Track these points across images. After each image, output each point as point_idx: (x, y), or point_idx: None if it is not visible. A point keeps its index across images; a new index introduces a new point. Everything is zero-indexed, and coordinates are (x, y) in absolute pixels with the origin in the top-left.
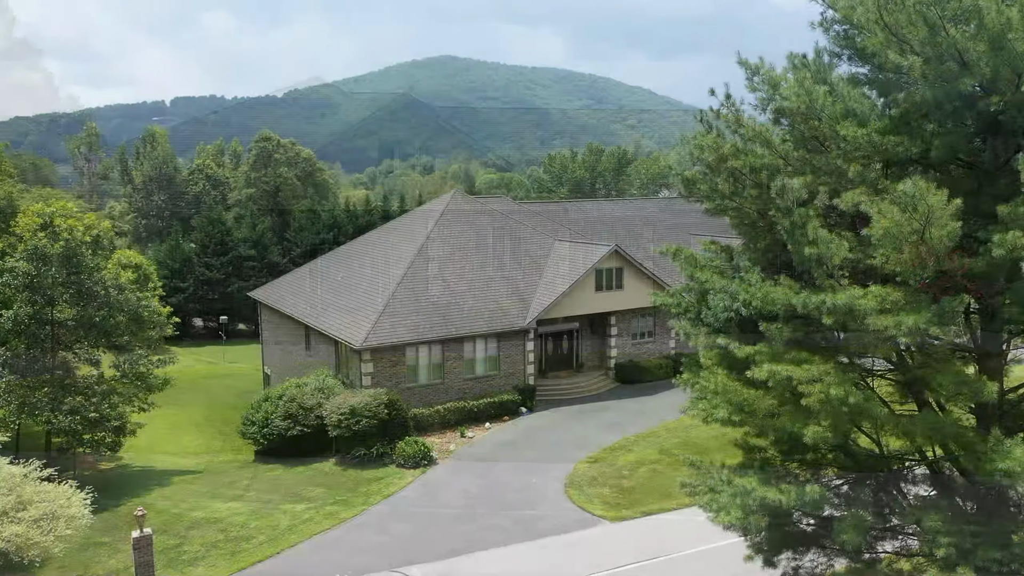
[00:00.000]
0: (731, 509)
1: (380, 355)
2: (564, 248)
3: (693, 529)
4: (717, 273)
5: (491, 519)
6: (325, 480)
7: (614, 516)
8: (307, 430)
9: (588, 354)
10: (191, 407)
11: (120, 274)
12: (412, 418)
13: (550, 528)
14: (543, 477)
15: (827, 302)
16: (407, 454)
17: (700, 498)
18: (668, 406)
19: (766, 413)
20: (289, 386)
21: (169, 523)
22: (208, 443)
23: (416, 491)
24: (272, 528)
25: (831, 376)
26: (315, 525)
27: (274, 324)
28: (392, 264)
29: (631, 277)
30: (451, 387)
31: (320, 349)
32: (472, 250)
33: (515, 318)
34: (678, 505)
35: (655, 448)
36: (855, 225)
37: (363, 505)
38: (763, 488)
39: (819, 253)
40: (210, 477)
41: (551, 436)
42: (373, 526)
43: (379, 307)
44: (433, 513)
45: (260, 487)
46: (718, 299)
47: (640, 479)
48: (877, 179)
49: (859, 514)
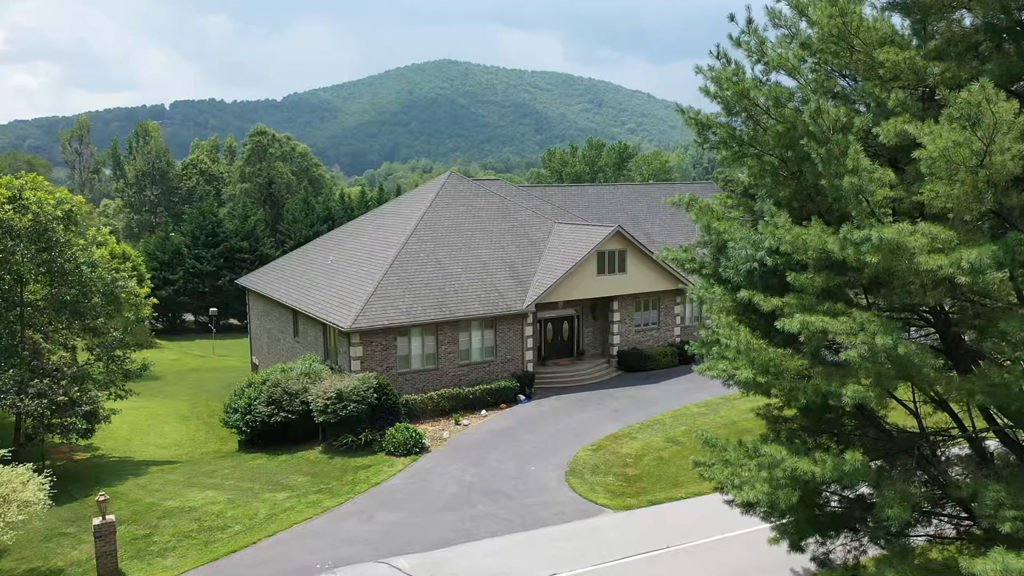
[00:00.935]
0: (756, 483)
1: (370, 338)
2: (565, 230)
3: (705, 518)
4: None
5: (486, 508)
6: (310, 468)
7: (618, 505)
8: (292, 417)
9: (589, 341)
10: (177, 399)
11: (94, 251)
12: (404, 404)
13: (550, 517)
14: (542, 465)
15: (872, 237)
16: (397, 441)
17: (719, 473)
18: (673, 394)
19: (796, 374)
20: (273, 371)
21: (140, 513)
22: (192, 434)
23: (406, 479)
24: (249, 518)
25: (875, 324)
26: (296, 514)
27: (262, 312)
28: (384, 246)
29: (634, 260)
30: (445, 373)
31: (309, 335)
32: (469, 232)
33: (513, 301)
34: (687, 494)
35: (661, 436)
36: (895, 163)
37: (349, 494)
38: (794, 458)
39: (860, 185)
40: (189, 467)
41: (551, 424)
42: (359, 515)
43: (370, 289)
44: (424, 502)
45: (240, 476)
46: (739, 248)
47: (646, 467)
48: (922, 110)
49: (904, 487)
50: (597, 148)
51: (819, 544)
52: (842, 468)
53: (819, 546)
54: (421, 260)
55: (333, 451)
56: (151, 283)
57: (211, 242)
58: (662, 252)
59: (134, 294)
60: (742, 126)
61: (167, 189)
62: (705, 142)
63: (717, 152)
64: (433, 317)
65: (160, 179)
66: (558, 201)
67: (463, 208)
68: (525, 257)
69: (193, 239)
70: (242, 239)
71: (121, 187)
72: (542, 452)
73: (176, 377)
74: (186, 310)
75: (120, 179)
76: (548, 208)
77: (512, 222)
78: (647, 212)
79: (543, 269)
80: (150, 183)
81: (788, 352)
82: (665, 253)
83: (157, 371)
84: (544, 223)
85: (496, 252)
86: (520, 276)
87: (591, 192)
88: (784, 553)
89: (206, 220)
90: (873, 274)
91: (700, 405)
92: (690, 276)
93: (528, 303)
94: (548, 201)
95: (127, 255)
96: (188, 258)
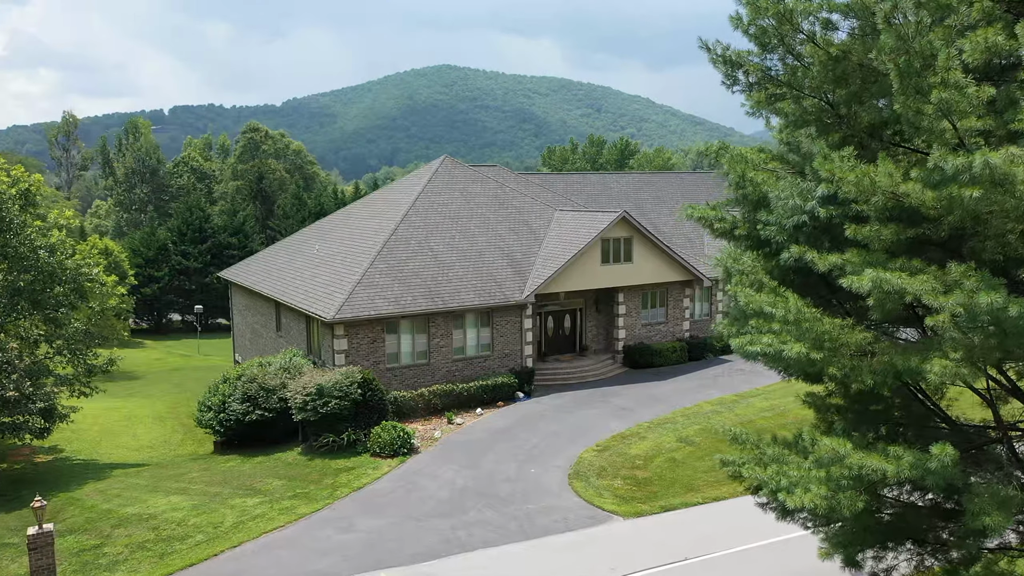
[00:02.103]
0: (810, 485)
1: (356, 330)
2: (567, 217)
3: (726, 526)
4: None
5: (480, 514)
6: (287, 471)
7: (628, 511)
8: (268, 415)
9: (593, 335)
10: (155, 399)
11: (54, 234)
12: (392, 401)
13: (552, 525)
14: (543, 467)
15: (975, 163)
16: (383, 441)
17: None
18: (684, 391)
19: (857, 350)
20: (250, 365)
21: (94, 521)
22: (168, 436)
23: (392, 483)
24: (214, 526)
25: (974, 280)
26: (266, 522)
27: (244, 306)
28: (373, 233)
29: (641, 249)
30: (438, 368)
31: (291, 329)
32: (464, 219)
33: (511, 292)
34: (704, 499)
35: (672, 435)
36: None
37: (328, 499)
38: (859, 453)
39: (949, 103)
40: (156, 470)
41: (552, 423)
42: (337, 523)
43: (356, 277)
44: (411, 507)
45: (209, 479)
46: (784, 200)
47: (657, 469)
48: (1011, 23)
49: (1001, 489)
50: (598, 145)
51: (877, 559)
52: (925, 465)
53: (878, 561)
54: (412, 247)
55: (313, 452)
56: (135, 280)
57: (198, 238)
58: (685, 210)
59: (100, 283)
60: (778, 64)
61: (157, 187)
62: (733, 84)
63: (747, 97)
64: (424, 308)
65: (150, 177)
66: (559, 189)
67: (458, 194)
68: (524, 245)
69: (180, 235)
70: (231, 235)
71: (111, 185)
72: (543, 453)
73: (157, 377)
74: (172, 309)
75: (109, 177)
76: (549, 196)
77: (510, 209)
78: (653, 202)
79: (543, 258)
80: (140, 181)
81: (847, 323)
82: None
83: (138, 370)
84: (544, 210)
85: (493, 240)
86: (519, 265)
87: (593, 180)
88: (820, 564)
89: (193, 215)
90: (957, 222)
91: (713, 403)
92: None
93: (527, 294)
94: (548, 189)
95: (109, 251)
96: (174, 255)
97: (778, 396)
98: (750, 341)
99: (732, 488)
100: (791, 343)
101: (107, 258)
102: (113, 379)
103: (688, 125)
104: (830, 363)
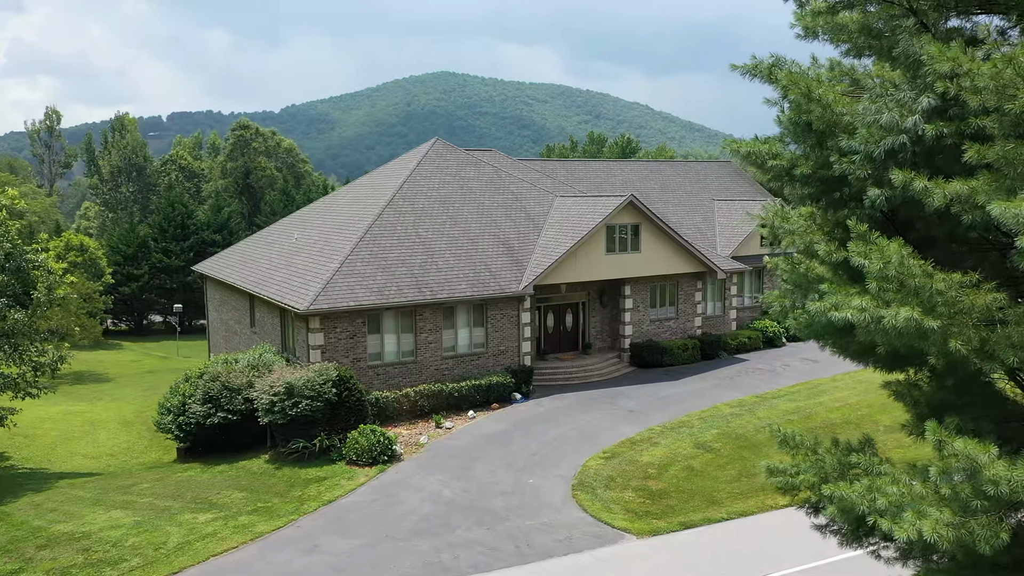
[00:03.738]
0: (927, 508)
1: (333, 323)
2: (568, 203)
3: (757, 547)
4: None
5: (470, 532)
6: (249, 481)
7: (642, 529)
8: (233, 417)
9: (597, 332)
10: (124, 403)
11: None
12: (373, 403)
13: (554, 545)
14: (543, 477)
15: None
16: (361, 447)
17: (833, 489)
18: (698, 393)
19: (983, 317)
20: (215, 362)
21: (19, 540)
22: (133, 442)
23: (369, 495)
24: (154, 547)
25: None
26: (216, 543)
27: (220, 302)
28: (356, 219)
29: (650, 237)
30: (425, 366)
31: (266, 324)
32: (456, 204)
33: (507, 282)
34: (729, 514)
35: (689, 441)
36: None
37: (293, 514)
38: (1001, 464)
39: None
40: (106, 480)
41: (553, 427)
42: (300, 543)
43: (335, 265)
44: (389, 525)
45: (161, 491)
46: (874, 116)
47: (673, 480)
48: None
49: None
50: (599, 143)
51: None
52: None
53: None
54: (398, 234)
55: (282, 460)
56: (111, 278)
57: (181, 235)
58: (727, 143)
59: (47, 270)
60: None
61: (144, 186)
62: None
63: (798, 10)
64: (411, 299)
65: (137, 176)
66: (559, 176)
67: (450, 178)
68: (522, 233)
69: (161, 231)
70: (215, 231)
71: (95, 184)
72: (543, 461)
73: (129, 379)
74: (153, 309)
75: (95, 175)
76: (549, 183)
77: (507, 195)
78: (661, 192)
79: (543, 247)
80: (126, 180)
81: (971, 278)
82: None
83: (109, 372)
84: (544, 196)
85: (488, 227)
86: (516, 254)
87: (596, 167)
88: None
89: (175, 211)
90: None
91: (732, 405)
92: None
93: (525, 284)
94: (549, 175)
95: (85, 247)
96: (155, 252)
97: (803, 398)
98: (834, 305)
99: (760, 501)
100: (896, 306)
101: (82, 255)
102: (81, 381)
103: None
104: (949, 334)
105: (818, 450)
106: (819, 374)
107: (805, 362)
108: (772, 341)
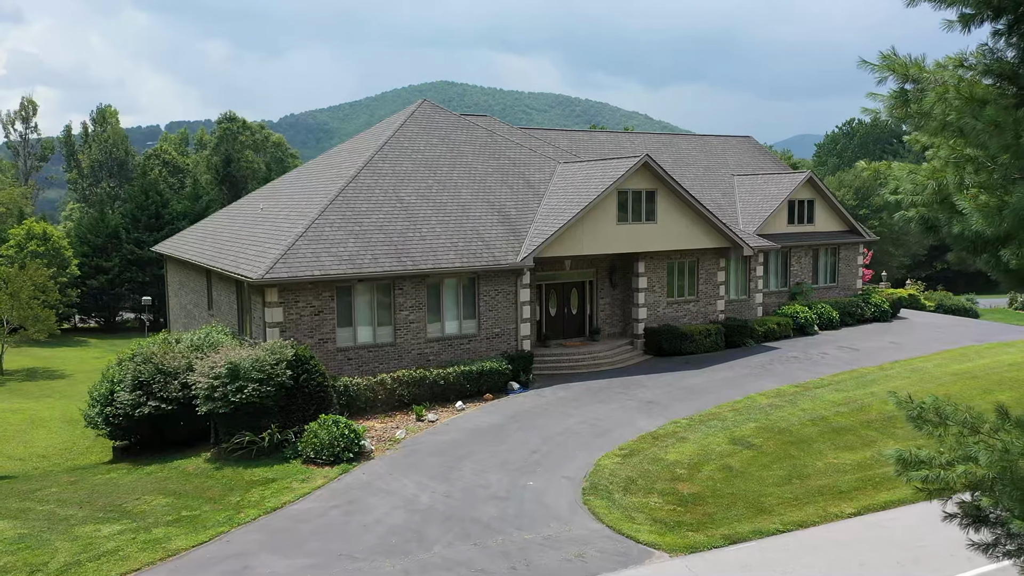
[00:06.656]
0: None
1: (295, 296)
2: (573, 169)
3: (826, 566)
4: None
5: (451, 550)
6: (181, 484)
7: (676, 544)
8: (168, 407)
9: (607, 315)
10: (72, 400)
11: None
12: (341, 390)
13: (561, 567)
14: (545, 479)
15: None
16: (320, 442)
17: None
18: (727, 382)
19: None
20: (151, 342)
21: None
22: (74, 442)
23: (325, 501)
24: (31, 570)
25: None
26: (115, 563)
27: (179, 284)
28: (330, 182)
29: (667, 205)
30: (406, 349)
31: (223, 303)
32: (444, 168)
33: (503, 253)
34: (784, 525)
35: (723, 436)
36: None
37: (223, 525)
38: None
39: None
40: (13, 484)
41: (557, 420)
42: (227, 563)
43: (299, 230)
44: (348, 539)
45: (71, 497)
46: None
47: (708, 482)
48: None
49: None
50: None
51: None
52: None
53: None
54: (377, 197)
55: (224, 459)
56: (77, 270)
57: (155, 224)
58: None
59: None
60: None
61: (125, 181)
62: None
63: None
64: (389, 269)
65: (118, 170)
66: (563, 145)
67: (438, 140)
68: (520, 201)
69: (133, 220)
70: (191, 221)
71: (74, 177)
72: (545, 459)
73: (87, 376)
74: (124, 305)
75: (74, 170)
76: (551, 151)
77: (503, 160)
78: (675, 165)
79: (544, 215)
80: (107, 175)
81: None
82: None
83: (66, 370)
84: (545, 163)
85: (481, 193)
86: (513, 223)
87: (602, 139)
88: None
89: (149, 199)
90: None
91: (769, 395)
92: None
93: (524, 256)
94: (551, 144)
95: (48, 235)
96: (126, 243)
97: (851, 388)
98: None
99: (821, 508)
100: None
101: (45, 244)
102: (33, 378)
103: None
104: None
105: (981, 429)
106: (863, 363)
107: (844, 350)
108: (803, 328)
